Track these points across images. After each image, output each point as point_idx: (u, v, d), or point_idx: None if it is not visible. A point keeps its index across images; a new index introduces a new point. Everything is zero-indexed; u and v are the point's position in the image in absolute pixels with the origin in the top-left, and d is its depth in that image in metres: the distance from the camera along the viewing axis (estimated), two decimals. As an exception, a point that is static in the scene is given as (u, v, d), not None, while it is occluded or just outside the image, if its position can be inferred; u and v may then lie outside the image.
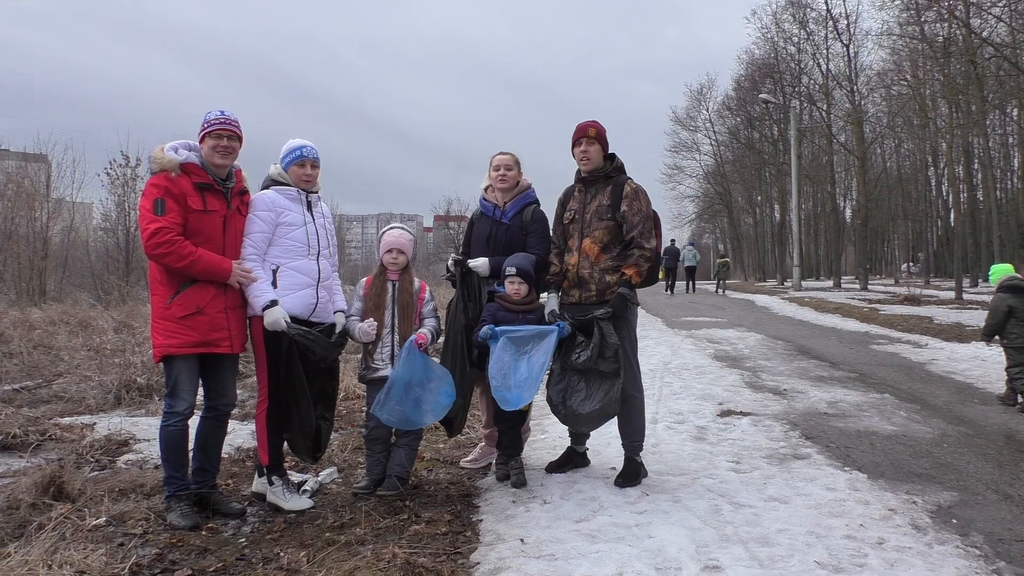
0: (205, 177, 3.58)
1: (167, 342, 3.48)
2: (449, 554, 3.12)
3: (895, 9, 19.44)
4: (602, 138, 4.10)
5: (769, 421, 5.55)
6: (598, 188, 4.10)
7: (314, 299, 3.81)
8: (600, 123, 4.15)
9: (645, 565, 2.90)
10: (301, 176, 3.84)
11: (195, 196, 3.52)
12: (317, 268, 3.84)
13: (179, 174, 3.51)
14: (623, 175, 4.14)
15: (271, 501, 3.75)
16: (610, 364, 3.83)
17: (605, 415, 3.91)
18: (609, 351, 3.82)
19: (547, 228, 4.31)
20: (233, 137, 3.63)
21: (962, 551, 3.08)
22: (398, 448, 3.98)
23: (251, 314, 3.70)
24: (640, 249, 3.95)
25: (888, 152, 36.98)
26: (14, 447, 4.70)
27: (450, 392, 3.85)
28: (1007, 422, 5.54)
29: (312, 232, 3.84)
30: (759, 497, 3.77)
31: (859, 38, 27.10)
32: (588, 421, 3.95)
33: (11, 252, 17.60)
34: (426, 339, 3.94)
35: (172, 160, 3.50)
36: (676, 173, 44.82)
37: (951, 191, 27.62)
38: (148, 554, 3.11)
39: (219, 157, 3.59)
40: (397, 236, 4.10)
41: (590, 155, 4.08)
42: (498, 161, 4.32)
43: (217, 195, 3.60)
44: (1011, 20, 15.39)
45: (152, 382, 6.36)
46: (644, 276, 3.99)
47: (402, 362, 3.81)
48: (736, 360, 8.94)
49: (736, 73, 38.01)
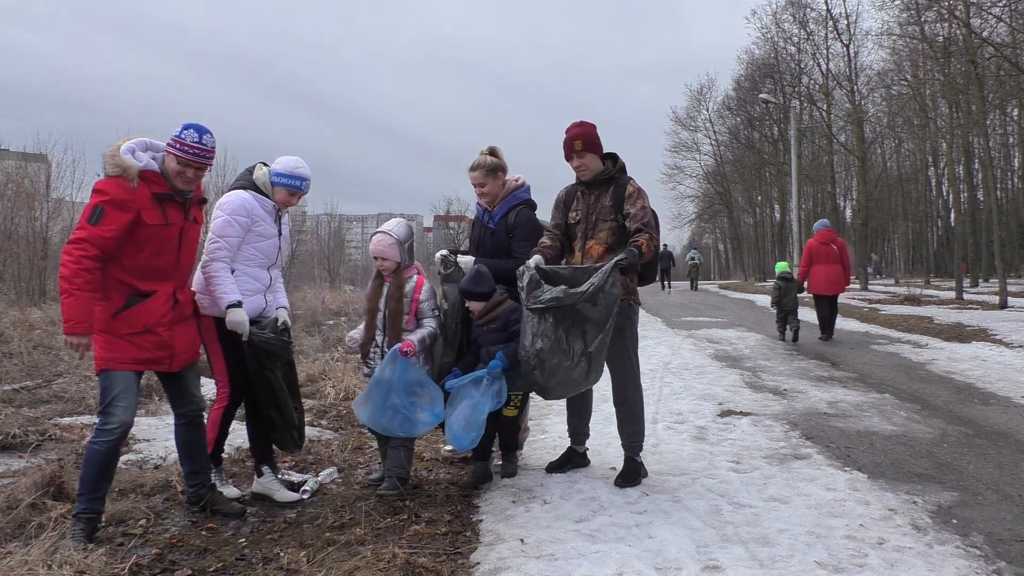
0: (165, 187, 3.32)
1: (108, 356, 3.25)
2: (449, 554, 3.12)
3: (895, 9, 19.41)
4: (592, 145, 3.98)
5: (769, 421, 5.55)
6: (601, 190, 4.04)
7: (263, 303, 3.91)
8: (587, 125, 4.01)
9: (645, 565, 2.90)
10: (285, 202, 3.94)
11: (154, 210, 3.26)
12: (269, 276, 3.96)
13: (138, 184, 3.23)
14: (625, 175, 4.08)
15: (257, 491, 3.89)
16: (597, 311, 3.57)
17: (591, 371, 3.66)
18: (601, 299, 3.56)
19: (531, 229, 4.15)
20: (203, 169, 3.40)
21: (962, 551, 3.08)
22: (395, 450, 3.94)
23: (211, 312, 3.73)
24: (649, 234, 3.81)
25: (888, 152, 36.97)
26: (14, 447, 4.70)
27: (436, 413, 3.78)
28: (1007, 422, 5.54)
29: (275, 246, 3.96)
30: (759, 497, 3.76)
31: (859, 38, 27.15)
32: (566, 384, 3.68)
33: (11, 252, 17.57)
34: (412, 347, 3.81)
35: (131, 167, 3.21)
36: (676, 173, 44.92)
37: (951, 191, 27.62)
38: (148, 554, 3.11)
39: (181, 183, 3.35)
40: (376, 244, 4.00)
41: (586, 165, 3.99)
42: (471, 179, 4.19)
43: (176, 207, 3.38)
44: (1011, 20, 15.37)
45: (152, 382, 6.36)
46: (650, 254, 3.80)
47: (382, 368, 3.80)
48: (736, 360, 8.94)
49: (736, 73, 38.13)
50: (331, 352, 8.66)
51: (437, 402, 3.80)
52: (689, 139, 44.33)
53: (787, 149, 31.40)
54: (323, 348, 9.16)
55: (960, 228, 25.81)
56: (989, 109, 20.48)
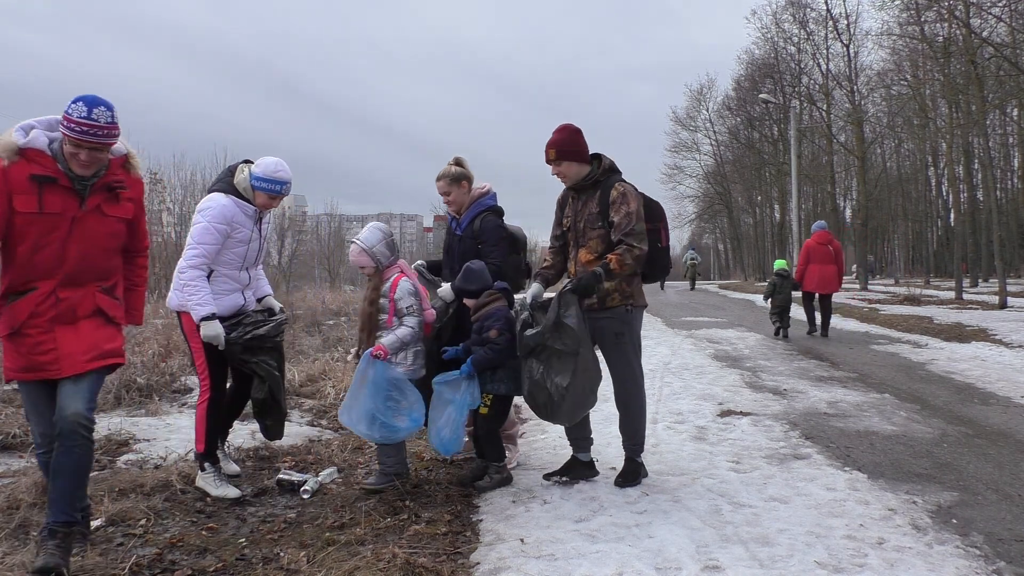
0: (48, 168, 2.81)
1: (8, 365, 2.96)
2: (449, 554, 3.12)
3: (895, 9, 19.40)
4: (568, 152, 3.83)
5: (769, 421, 5.55)
6: (588, 195, 3.89)
7: (241, 301, 3.96)
8: (564, 131, 3.85)
9: (645, 565, 2.90)
10: (266, 205, 3.94)
11: (26, 195, 2.77)
12: (248, 276, 4.00)
13: (15, 161, 2.75)
14: (613, 176, 3.89)
15: (199, 486, 3.91)
16: (564, 343, 3.54)
17: (578, 402, 3.65)
18: (564, 332, 3.53)
19: (498, 235, 4.19)
20: (99, 149, 2.84)
21: (962, 551, 3.08)
22: (382, 447, 3.94)
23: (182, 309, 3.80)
24: (628, 246, 3.69)
25: (888, 152, 36.97)
26: (14, 447, 4.70)
27: (415, 418, 3.79)
28: (1007, 422, 5.54)
29: (254, 248, 3.99)
30: (759, 497, 3.77)
31: (859, 38, 27.12)
32: (559, 409, 3.65)
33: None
34: (382, 351, 3.81)
35: (9, 144, 2.76)
36: (676, 173, 44.89)
37: (951, 191, 27.61)
38: (148, 554, 3.11)
39: (77, 167, 2.85)
40: (350, 254, 4.03)
41: (564, 173, 3.88)
42: (437, 188, 4.28)
43: (64, 192, 2.84)
44: (1011, 20, 15.37)
45: (152, 382, 6.37)
46: (626, 269, 3.70)
47: (358, 372, 3.83)
48: (736, 360, 8.94)
49: (736, 73, 38.06)
50: (331, 352, 8.65)
51: (416, 407, 3.80)
52: (689, 139, 44.36)
53: (787, 149, 31.38)
54: (323, 348, 9.15)
55: (960, 228, 25.81)
56: (989, 109, 20.48)
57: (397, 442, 3.90)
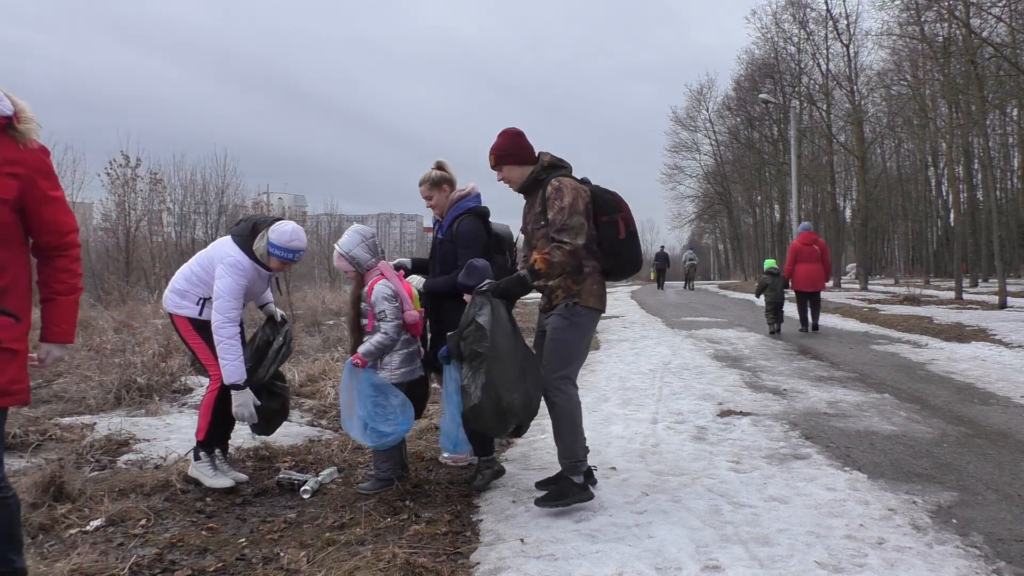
0: None
1: None
2: (449, 554, 3.12)
3: (895, 9, 19.39)
4: (506, 156, 3.74)
5: (769, 421, 5.55)
6: (533, 197, 3.76)
7: None
8: (502, 136, 3.77)
9: (645, 565, 2.91)
10: (279, 269, 4.16)
11: None
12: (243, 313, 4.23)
13: None
14: (552, 172, 3.72)
15: (192, 476, 4.00)
16: (482, 345, 3.40)
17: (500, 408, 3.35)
18: (479, 332, 3.41)
19: (472, 238, 4.11)
20: None
21: (962, 551, 3.08)
22: (376, 452, 3.98)
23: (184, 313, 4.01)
24: (558, 243, 3.50)
25: (888, 152, 36.95)
26: (14, 447, 4.69)
27: (403, 422, 3.80)
28: (1007, 422, 5.54)
29: (259, 295, 4.26)
30: (759, 497, 3.77)
31: (859, 38, 27.11)
32: (480, 415, 3.39)
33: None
34: (360, 359, 3.81)
35: None
36: (676, 173, 44.95)
37: (951, 191, 27.59)
38: (148, 554, 3.11)
39: None
40: (333, 258, 4.07)
41: (507, 178, 3.78)
42: (420, 193, 4.36)
43: None
44: (1011, 20, 15.36)
45: (152, 382, 6.37)
46: (555, 267, 3.51)
47: (344, 380, 3.91)
48: (736, 360, 8.94)
49: (736, 73, 38.08)
50: (331, 352, 8.65)
51: (402, 411, 3.81)
52: (689, 139, 44.40)
53: (787, 149, 31.37)
54: (323, 348, 9.16)
55: (960, 228, 25.78)
56: (989, 109, 20.47)
57: (390, 447, 3.91)
